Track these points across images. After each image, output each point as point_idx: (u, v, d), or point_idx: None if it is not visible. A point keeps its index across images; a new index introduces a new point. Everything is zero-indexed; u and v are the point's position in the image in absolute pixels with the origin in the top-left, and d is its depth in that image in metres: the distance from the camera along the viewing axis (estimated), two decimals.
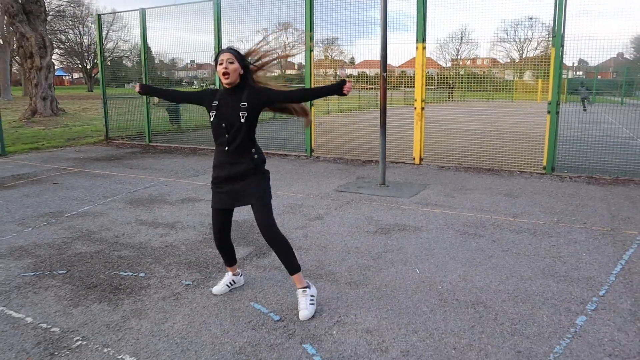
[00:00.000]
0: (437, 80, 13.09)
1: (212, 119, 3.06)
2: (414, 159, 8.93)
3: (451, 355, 2.63)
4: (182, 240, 4.66)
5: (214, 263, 4.05)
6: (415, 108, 8.71)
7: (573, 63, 13.66)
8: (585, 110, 13.95)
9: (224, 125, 3.03)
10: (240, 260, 4.08)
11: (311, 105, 9.49)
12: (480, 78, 11.31)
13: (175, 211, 5.68)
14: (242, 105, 3.02)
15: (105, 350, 2.71)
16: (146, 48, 11.23)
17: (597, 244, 4.43)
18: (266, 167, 3.23)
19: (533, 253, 4.22)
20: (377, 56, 6.98)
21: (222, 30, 10.37)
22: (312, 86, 9.46)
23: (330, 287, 3.55)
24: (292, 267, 3.20)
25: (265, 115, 16.11)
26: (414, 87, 8.96)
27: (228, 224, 3.30)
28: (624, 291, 3.42)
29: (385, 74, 6.91)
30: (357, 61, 14.70)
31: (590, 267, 3.88)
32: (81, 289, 3.54)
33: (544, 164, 7.86)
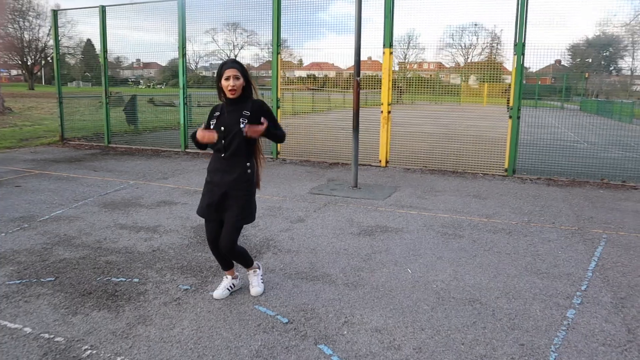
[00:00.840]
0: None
1: (212, 126, 3.12)
2: (380, 161, 9.15)
3: (461, 350, 2.78)
4: (168, 244, 4.59)
5: (207, 267, 4.03)
6: (382, 112, 8.93)
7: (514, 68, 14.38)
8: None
9: (222, 128, 3.10)
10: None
11: (278, 106, 9.52)
12: (430, 82, 11.79)
13: (153, 215, 5.56)
14: (245, 112, 3.12)
15: (119, 358, 2.66)
16: (106, 46, 10.86)
17: (568, 242, 4.74)
18: None
19: (513, 252, 4.46)
20: (325, 58, 7.24)
21: (186, 30, 10.22)
22: (279, 87, 9.52)
23: (330, 289, 3.62)
24: (248, 264, 3.48)
25: None
26: (369, 89, 9.26)
27: (219, 231, 3.31)
28: (603, 285, 3.70)
29: (359, 78, 7.06)
30: (305, 63, 14.77)
31: (567, 264, 4.16)
32: (75, 297, 3.43)
33: (506, 166, 8.27)
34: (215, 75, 3.18)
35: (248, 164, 3.20)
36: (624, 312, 3.25)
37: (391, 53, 8.80)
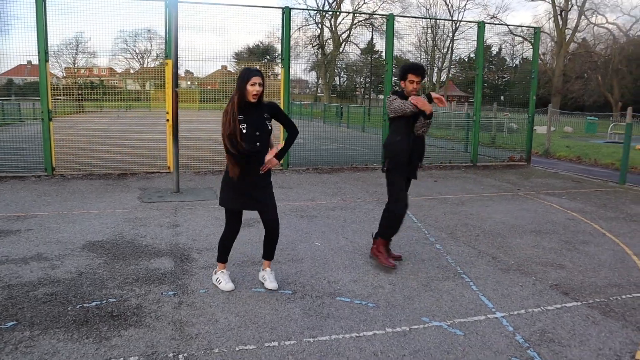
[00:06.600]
0: (64, 90, 13.30)
1: (244, 130, 3.59)
2: (169, 167, 9.50)
3: (415, 278, 4.21)
4: (85, 266, 4.34)
5: (160, 274, 4.18)
6: (168, 120, 9.29)
7: (185, 74, 16.30)
8: None
9: (257, 133, 3.64)
10: (178, 273, 4.38)
11: (50, 119, 8.63)
12: (113, 89, 12.38)
13: (10, 245, 4.83)
14: (266, 116, 3.74)
15: (216, 350, 3.00)
16: None
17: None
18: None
19: (361, 220, 6.13)
20: None
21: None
22: (49, 98, 8.64)
23: (285, 267, 4.45)
24: (273, 254, 4.04)
25: None
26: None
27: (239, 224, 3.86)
28: (434, 230, 5.75)
29: (177, 89, 7.46)
30: None
31: (406, 222, 6.07)
32: (77, 327, 3.23)
33: (281, 162, 9.98)
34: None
35: None
36: (458, 241, 5.33)
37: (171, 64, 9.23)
